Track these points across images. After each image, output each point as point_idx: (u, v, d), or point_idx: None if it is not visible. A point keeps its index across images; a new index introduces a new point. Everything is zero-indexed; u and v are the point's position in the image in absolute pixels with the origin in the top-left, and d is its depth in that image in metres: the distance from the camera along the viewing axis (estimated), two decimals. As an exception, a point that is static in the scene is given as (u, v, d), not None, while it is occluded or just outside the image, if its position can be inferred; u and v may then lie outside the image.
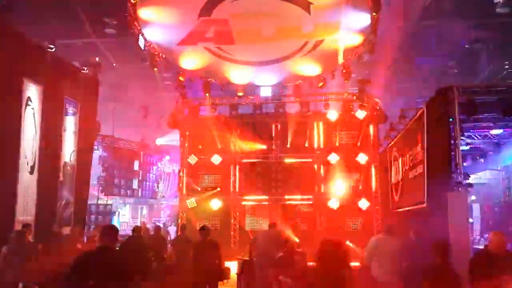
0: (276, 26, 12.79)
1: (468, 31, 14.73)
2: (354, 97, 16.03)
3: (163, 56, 14.24)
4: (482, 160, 15.41)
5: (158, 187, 25.35)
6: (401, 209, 12.94)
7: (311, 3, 11.85)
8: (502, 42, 15.11)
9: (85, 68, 13.82)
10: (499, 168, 15.73)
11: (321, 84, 15.26)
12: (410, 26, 14.35)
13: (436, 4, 13.45)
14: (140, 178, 23.22)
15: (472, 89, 9.49)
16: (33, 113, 11.36)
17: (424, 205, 10.14)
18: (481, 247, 13.73)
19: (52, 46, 11.99)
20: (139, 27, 12.82)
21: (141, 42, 13.18)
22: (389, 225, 8.44)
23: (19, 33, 10.87)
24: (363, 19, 12.24)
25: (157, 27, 12.88)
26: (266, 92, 16.36)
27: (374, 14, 11.81)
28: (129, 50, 14.78)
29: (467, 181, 8.90)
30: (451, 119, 9.09)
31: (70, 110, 13.27)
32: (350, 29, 12.72)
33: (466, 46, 15.57)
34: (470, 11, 13.53)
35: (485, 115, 10.01)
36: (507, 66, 16.54)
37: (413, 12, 13.66)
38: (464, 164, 9.89)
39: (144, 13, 12.26)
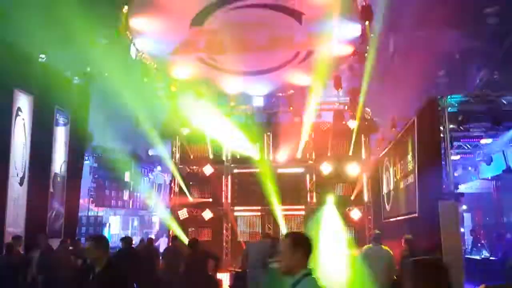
0: (268, 36, 12.83)
1: (458, 41, 14.88)
2: (346, 107, 16.10)
3: (155, 65, 14.22)
4: (473, 169, 15.52)
5: (149, 198, 25.20)
6: (393, 219, 12.95)
7: (303, 14, 11.92)
8: (492, 52, 15.28)
9: (77, 77, 13.76)
10: (489, 178, 15.84)
11: (313, 93, 15.31)
12: (400, 36, 14.47)
13: (426, 14, 13.58)
14: (131, 189, 23.07)
15: (462, 99, 9.58)
16: (24, 123, 11.27)
17: (416, 214, 10.16)
18: (474, 256, 13.79)
19: (43, 56, 11.94)
20: (130, 37, 12.80)
21: (133, 52, 13.16)
22: (377, 234, 8.43)
23: (9, 42, 10.82)
24: (354, 29, 12.34)
25: (148, 37, 12.86)
26: (258, 102, 16.39)
27: (365, 24, 11.89)
28: (120, 59, 14.72)
29: (458, 191, 8.94)
30: (441, 129, 9.15)
31: (61, 120, 13.19)
32: (341, 39, 12.80)
33: (456, 56, 15.72)
34: (460, 21, 13.67)
35: (475, 125, 10.10)
36: (496, 76, 16.72)
37: (403, 22, 13.78)
38: (455, 173, 9.94)
39: (135, 23, 12.24)
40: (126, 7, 11.47)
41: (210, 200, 16.48)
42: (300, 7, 11.80)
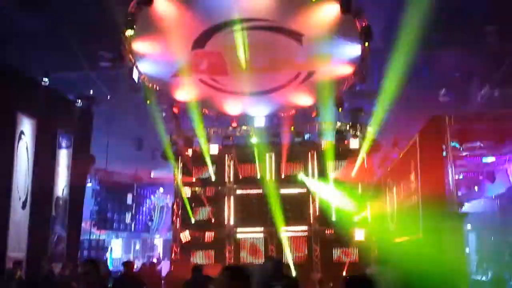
0: (269, 57, 12.96)
1: (459, 60, 14.96)
2: (348, 127, 16.11)
3: (157, 88, 14.32)
4: (476, 188, 15.40)
5: (151, 220, 25.07)
6: (397, 239, 12.81)
7: (303, 35, 12.05)
8: (493, 71, 15.34)
9: (79, 101, 13.85)
10: (493, 197, 15.72)
11: (314, 114, 15.37)
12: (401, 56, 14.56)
13: (427, 34, 13.68)
14: (133, 211, 22.98)
15: (464, 118, 9.58)
16: (26, 147, 11.30)
17: (420, 235, 10.05)
18: (479, 277, 13.59)
19: (46, 80, 12.04)
20: (133, 60, 12.93)
21: (135, 75, 13.27)
22: (381, 255, 8.34)
23: (13, 66, 10.93)
24: (354, 50, 12.43)
25: (151, 60, 13.00)
26: (260, 122, 16.42)
27: (365, 45, 11.99)
28: (123, 82, 14.85)
29: (462, 210, 8.86)
30: (443, 148, 9.12)
31: (64, 143, 13.23)
32: (341, 59, 12.90)
33: (457, 74, 15.78)
34: (460, 41, 13.77)
35: (478, 143, 10.06)
36: (497, 94, 16.75)
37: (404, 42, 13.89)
38: (459, 193, 9.88)
39: (138, 46, 12.39)
40: (129, 31, 11.60)
41: (213, 221, 16.38)
42: (300, 29, 11.94)
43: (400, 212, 12.68)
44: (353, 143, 15.84)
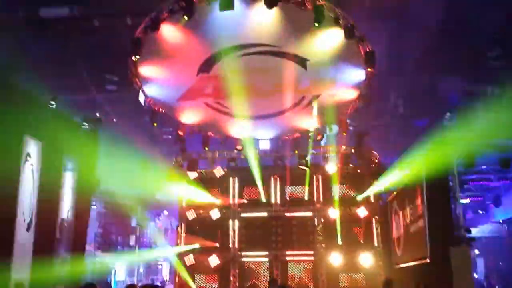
0: (274, 81, 13.09)
1: (462, 85, 15.02)
2: (352, 150, 16.11)
3: (163, 111, 14.44)
4: (483, 213, 15.28)
5: (155, 243, 24.93)
6: (404, 265, 12.67)
7: (307, 60, 12.19)
8: (496, 95, 15.36)
9: (86, 123, 13.95)
10: (501, 221, 15.57)
11: (319, 137, 15.39)
12: (404, 80, 14.66)
13: (429, 59, 13.80)
14: (137, 234, 22.89)
15: (469, 142, 9.57)
16: (32, 169, 11.34)
17: (427, 260, 9.94)
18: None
19: (53, 102, 12.17)
20: (139, 84, 13.10)
21: (142, 98, 13.41)
22: (388, 280, 8.25)
23: (20, 89, 11.06)
24: (358, 74, 12.54)
25: (157, 83, 13.16)
26: (264, 145, 16.46)
27: (369, 69, 12.09)
28: (129, 105, 15.01)
29: (470, 235, 8.78)
30: (449, 172, 9.10)
31: (69, 165, 13.26)
32: (346, 84, 13.00)
33: (460, 99, 15.82)
34: (463, 65, 13.86)
35: (484, 168, 10.04)
36: (502, 119, 16.72)
37: (406, 67, 14.01)
38: (466, 217, 9.80)
39: (145, 70, 12.56)
40: (135, 55, 11.79)
41: (217, 245, 16.26)
42: (304, 54, 12.09)
43: (406, 236, 12.57)
44: (359, 167, 15.80)
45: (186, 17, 10.66)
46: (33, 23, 13.26)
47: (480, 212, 15.05)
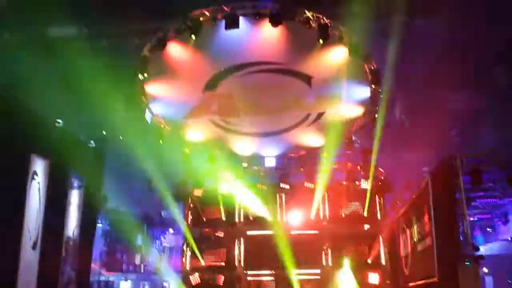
0: (279, 99, 13.15)
1: (469, 101, 15.00)
2: (358, 167, 16.05)
3: (169, 128, 14.51)
4: (491, 230, 15.11)
5: (161, 262, 24.79)
6: (412, 284, 12.50)
7: (312, 77, 12.26)
8: (504, 111, 15.33)
9: (92, 141, 14.02)
10: (509, 239, 15.38)
11: (324, 154, 15.36)
12: (411, 96, 14.67)
13: (436, 74, 13.82)
14: (143, 252, 22.79)
15: (476, 159, 9.52)
16: (38, 188, 11.38)
17: (435, 279, 9.81)
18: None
19: (59, 121, 12.26)
20: (146, 102, 13.21)
21: (148, 116, 13.51)
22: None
23: (27, 108, 11.16)
24: (363, 91, 12.58)
25: (163, 101, 13.27)
26: (270, 162, 16.43)
27: (374, 87, 12.14)
28: (135, 122, 15.09)
29: (478, 253, 8.67)
30: (456, 189, 9.03)
31: (76, 183, 13.29)
32: (351, 101, 13.03)
33: (467, 115, 15.78)
34: (470, 81, 13.87)
35: (491, 185, 9.96)
36: (509, 134, 16.66)
37: (413, 82, 14.03)
38: (474, 235, 9.70)
39: (151, 88, 12.68)
40: (142, 74, 11.92)
41: (223, 264, 16.13)
42: (309, 71, 12.16)
43: (414, 255, 12.43)
44: (364, 184, 15.70)
45: (193, 37, 10.80)
46: (42, 42, 13.47)
47: (488, 229, 14.88)
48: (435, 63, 12.93)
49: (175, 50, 11.40)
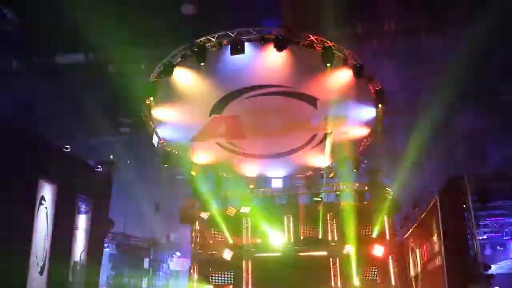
0: (285, 121, 13.21)
1: (475, 119, 14.99)
2: (366, 187, 16.00)
3: (176, 152, 14.58)
4: (501, 248, 14.90)
5: (168, 285, 24.56)
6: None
7: (317, 99, 12.34)
8: (509, 129, 15.30)
9: (100, 166, 14.09)
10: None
11: (331, 175, 15.36)
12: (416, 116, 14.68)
13: (441, 94, 13.85)
14: (150, 276, 22.61)
15: (483, 177, 9.49)
16: (46, 212, 11.41)
17: (447, 299, 9.70)
18: None
19: (67, 146, 12.37)
20: (153, 126, 13.32)
21: (155, 140, 13.60)
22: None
23: (35, 133, 11.30)
24: (369, 112, 12.64)
25: (170, 125, 13.36)
26: (277, 183, 16.42)
27: (379, 107, 12.20)
28: (143, 147, 15.20)
29: (488, 272, 8.58)
30: (464, 208, 8.99)
31: (83, 208, 13.32)
32: (356, 122, 13.08)
33: (474, 134, 15.76)
34: (476, 100, 13.90)
35: (499, 203, 9.90)
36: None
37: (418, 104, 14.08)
38: (484, 253, 9.61)
39: (158, 113, 12.80)
40: (149, 99, 12.07)
41: (231, 287, 15.98)
42: (315, 93, 12.24)
43: (424, 274, 12.29)
44: (373, 204, 15.62)
45: (200, 63, 10.94)
46: (49, 68, 13.70)
47: (499, 248, 14.66)
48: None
49: (182, 75, 11.54)
